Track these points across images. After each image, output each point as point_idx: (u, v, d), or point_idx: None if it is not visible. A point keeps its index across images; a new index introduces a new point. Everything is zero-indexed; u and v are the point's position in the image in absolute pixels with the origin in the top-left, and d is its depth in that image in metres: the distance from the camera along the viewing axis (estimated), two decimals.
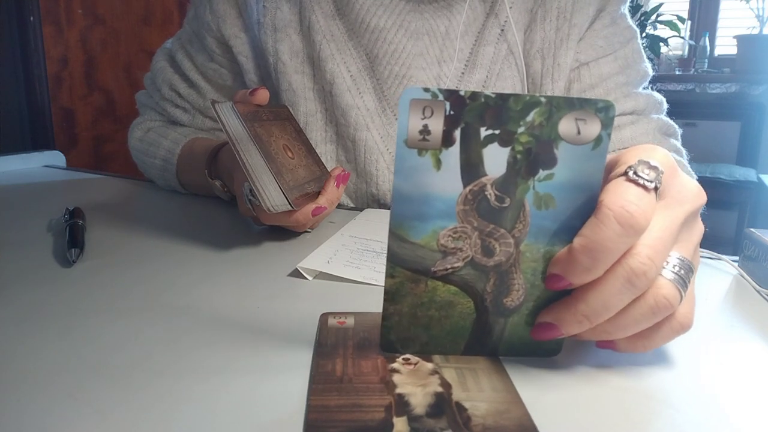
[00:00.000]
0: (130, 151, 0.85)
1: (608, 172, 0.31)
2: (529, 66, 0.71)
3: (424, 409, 0.28)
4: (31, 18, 1.91)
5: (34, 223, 0.61)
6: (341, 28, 0.71)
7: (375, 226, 0.60)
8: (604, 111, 0.28)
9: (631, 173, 0.29)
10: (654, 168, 0.30)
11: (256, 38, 0.73)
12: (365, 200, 0.74)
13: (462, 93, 0.28)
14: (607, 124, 0.28)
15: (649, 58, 0.75)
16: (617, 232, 0.28)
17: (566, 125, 0.28)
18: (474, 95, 0.28)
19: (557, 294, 0.31)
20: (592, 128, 0.28)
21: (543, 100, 0.28)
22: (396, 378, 0.30)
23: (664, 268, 0.30)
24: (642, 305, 0.30)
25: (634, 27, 0.73)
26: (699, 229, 0.33)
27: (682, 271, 0.30)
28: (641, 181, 0.29)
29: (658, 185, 0.30)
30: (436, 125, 0.28)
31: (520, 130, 0.29)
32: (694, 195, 0.32)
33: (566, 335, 0.31)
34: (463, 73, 0.71)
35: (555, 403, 0.29)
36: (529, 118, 0.28)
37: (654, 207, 0.29)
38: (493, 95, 0.28)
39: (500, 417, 0.27)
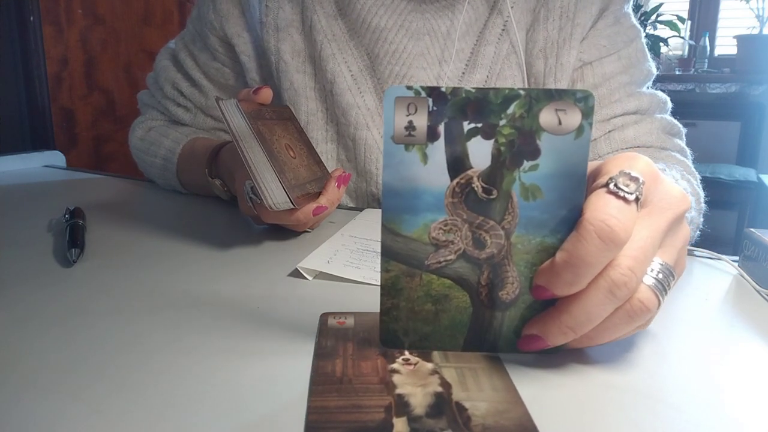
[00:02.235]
0: (130, 151, 0.85)
1: (591, 182, 0.32)
2: (531, 66, 0.71)
3: (424, 409, 0.28)
4: (31, 18, 1.91)
5: (34, 223, 0.61)
6: (342, 27, 0.71)
7: (375, 226, 0.60)
8: (583, 101, 0.29)
9: (611, 185, 0.30)
10: (635, 179, 0.30)
11: (259, 38, 0.73)
12: (365, 199, 0.74)
13: (443, 89, 0.29)
14: (587, 114, 0.29)
15: None
16: (598, 246, 0.28)
17: (547, 116, 0.29)
18: (455, 91, 0.29)
19: None
20: (572, 118, 0.29)
21: (522, 92, 0.29)
22: (396, 378, 0.30)
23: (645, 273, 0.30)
24: (619, 310, 0.30)
25: (638, 26, 0.73)
26: (684, 233, 0.34)
27: (661, 275, 0.31)
28: (621, 193, 0.29)
29: (639, 196, 0.30)
30: (421, 121, 0.30)
31: (502, 122, 0.29)
32: (678, 200, 0.32)
33: (552, 345, 0.31)
34: (463, 72, 0.71)
35: (555, 403, 0.29)
36: (509, 111, 0.29)
37: (635, 218, 0.29)
38: (473, 90, 0.29)
39: (500, 417, 0.27)
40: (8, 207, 0.71)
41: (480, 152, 0.30)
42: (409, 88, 0.29)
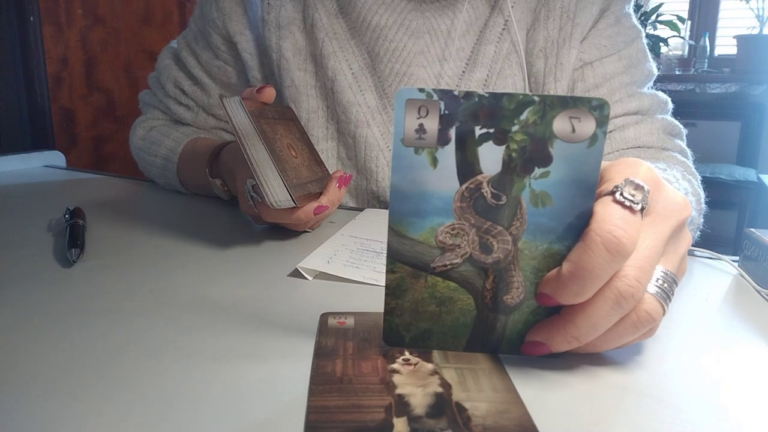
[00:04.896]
0: (131, 150, 0.85)
1: None
2: (531, 65, 0.71)
3: (424, 409, 0.28)
4: (31, 18, 1.91)
5: (34, 223, 0.61)
6: (343, 26, 0.72)
7: (375, 226, 0.60)
8: (598, 109, 0.28)
9: (617, 194, 0.30)
10: (640, 188, 0.30)
11: (260, 35, 0.74)
12: (365, 197, 0.75)
13: (456, 93, 0.29)
14: (602, 122, 0.29)
15: None
16: (605, 258, 0.28)
17: (560, 123, 0.29)
18: (468, 94, 0.29)
19: None
20: (586, 126, 0.29)
21: (536, 98, 0.29)
22: (396, 378, 0.30)
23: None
24: (625, 320, 0.30)
25: (639, 26, 0.73)
26: (686, 240, 0.34)
27: (666, 285, 0.31)
28: (627, 203, 0.29)
29: (644, 205, 0.30)
30: (432, 124, 0.29)
31: (515, 128, 0.29)
32: (680, 207, 0.32)
33: (556, 352, 0.32)
34: (464, 71, 0.71)
35: (555, 403, 0.29)
36: (522, 117, 0.29)
37: (640, 228, 0.29)
38: (487, 94, 0.29)
39: (500, 417, 0.27)
40: (8, 207, 0.71)
41: (491, 157, 0.29)
42: (421, 90, 0.29)
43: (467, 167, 0.30)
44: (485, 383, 0.30)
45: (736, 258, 0.51)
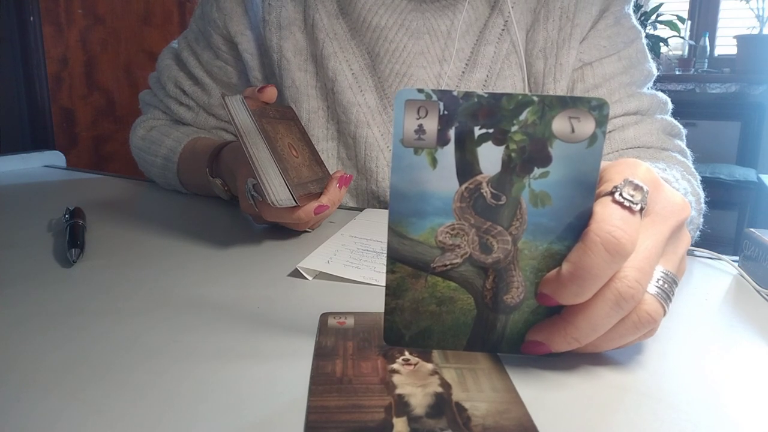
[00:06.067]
0: (131, 150, 0.85)
1: None
2: (531, 66, 0.71)
3: (424, 409, 0.28)
4: (31, 18, 1.91)
5: (34, 223, 0.61)
6: (344, 26, 0.72)
7: (375, 226, 0.60)
8: (597, 109, 0.28)
9: (617, 194, 0.30)
10: (639, 188, 0.30)
11: (261, 36, 0.74)
12: (365, 197, 0.75)
13: (455, 93, 0.29)
14: (601, 122, 0.29)
15: None
16: (605, 258, 0.28)
17: (560, 123, 0.29)
18: (467, 95, 0.29)
19: None
20: (586, 126, 0.29)
21: (535, 99, 0.29)
22: (396, 378, 0.30)
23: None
24: (626, 321, 0.30)
25: (639, 27, 0.73)
26: (685, 240, 0.34)
27: (666, 285, 0.31)
28: (627, 203, 0.29)
29: (644, 206, 0.30)
30: (431, 125, 0.29)
31: (514, 128, 0.29)
32: (679, 208, 0.32)
33: (556, 351, 0.32)
34: (463, 72, 0.71)
35: (555, 403, 0.29)
36: (522, 117, 0.29)
37: (639, 228, 0.29)
38: (486, 95, 0.29)
39: (500, 417, 0.27)
40: (8, 207, 0.71)
41: (490, 158, 0.30)
42: (420, 91, 0.29)
43: (467, 167, 0.30)
44: (485, 383, 0.30)
45: (736, 258, 0.51)
